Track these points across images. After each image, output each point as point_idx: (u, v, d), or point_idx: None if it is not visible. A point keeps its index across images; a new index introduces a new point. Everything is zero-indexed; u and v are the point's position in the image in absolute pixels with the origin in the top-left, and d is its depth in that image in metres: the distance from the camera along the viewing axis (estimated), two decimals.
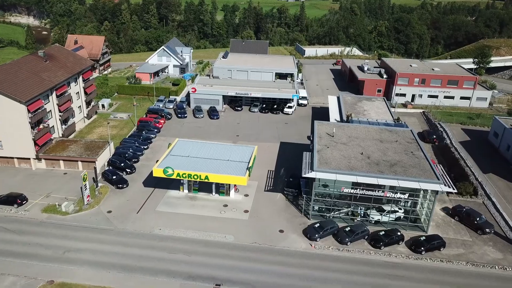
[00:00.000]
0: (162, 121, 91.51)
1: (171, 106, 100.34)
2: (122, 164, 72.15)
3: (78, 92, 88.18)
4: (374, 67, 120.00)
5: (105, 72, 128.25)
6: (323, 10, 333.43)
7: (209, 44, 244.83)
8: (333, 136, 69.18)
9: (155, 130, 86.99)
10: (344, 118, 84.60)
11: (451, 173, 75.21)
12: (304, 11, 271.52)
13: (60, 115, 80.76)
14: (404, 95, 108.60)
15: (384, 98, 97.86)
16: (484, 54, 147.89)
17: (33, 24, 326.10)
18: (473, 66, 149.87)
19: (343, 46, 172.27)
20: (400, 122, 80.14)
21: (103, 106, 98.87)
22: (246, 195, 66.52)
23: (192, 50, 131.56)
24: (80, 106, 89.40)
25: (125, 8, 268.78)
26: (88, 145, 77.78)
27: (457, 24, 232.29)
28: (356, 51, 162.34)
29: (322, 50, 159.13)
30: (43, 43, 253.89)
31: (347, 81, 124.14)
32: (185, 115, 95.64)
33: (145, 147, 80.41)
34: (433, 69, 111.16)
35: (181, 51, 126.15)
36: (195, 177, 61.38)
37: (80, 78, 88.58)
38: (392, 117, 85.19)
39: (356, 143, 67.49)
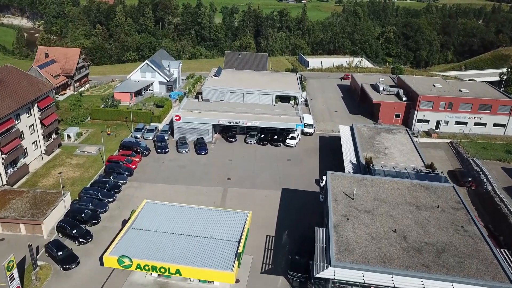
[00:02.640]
0: (137, 159, 72.25)
1: (151, 137, 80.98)
2: (75, 231, 52.97)
3: (32, 125, 68.95)
4: (390, 85, 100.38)
5: (82, 89, 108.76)
6: (325, 12, 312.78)
7: (206, 49, 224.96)
8: (353, 199, 50.02)
9: (127, 173, 67.73)
10: (362, 160, 65.26)
11: (499, 235, 56.40)
12: (306, 14, 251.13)
13: (3, 158, 61.57)
14: (427, 121, 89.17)
15: (407, 130, 78.46)
16: None
17: (26, 26, 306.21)
18: (495, 78, 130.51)
19: (350, 57, 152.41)
20: (436, 171, 60.69)
21: (69, 137, 79.55)
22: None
23: (181, 64, 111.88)
24: (35, 141, 70.17)
25: (119, 10, 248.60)
26: (37, 198, 58.68)
27: (470, 29, 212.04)
28: (366, 63, 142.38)
29: (327, 61, 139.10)
30: (35, 46, 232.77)
31: (358, 101, 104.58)
32: (167, 149, 76.31)
33: (111, 199, 61.19)
34: (460, 90, 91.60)
35: (169, 65, 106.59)
36: (162, 270, 42.17)
37: (36, 107, 69.28)
38: (423, 161, 65.82)
39: (384, 211, 48.29)
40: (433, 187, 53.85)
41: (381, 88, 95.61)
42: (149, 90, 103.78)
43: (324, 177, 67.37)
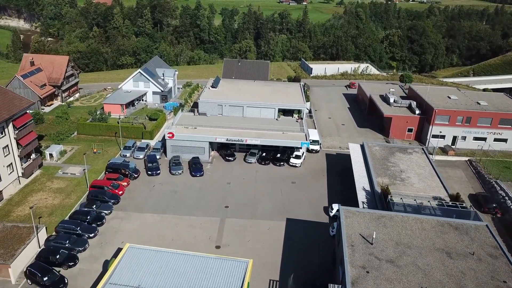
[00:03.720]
0: (124, 183, 63.90)
1: (141, 156, 72.62)
2: (46, 278, 44.64)
3: (7, 146, 60.59)
4: (401, 96, 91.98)
5: (71, 99, 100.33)
6: (326, 14, 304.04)
7: (205, 52, 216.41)
8: (372, 244, 41.72)
9: (112, 201, 59.39)
10: (377, 188, 56.93)
11: None
12: (307, 15, 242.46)
13: None
14: (443, 137, 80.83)
15: (423, 149, 70.02)
16: None
17: (23, 28, 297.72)
18: (507, 85, 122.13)
19: (356, 62, 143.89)
20: (463, 204, 52.27)
21: (51, 156, 71.17)
22: None
23: (177, 72, 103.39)
24: (11, 163, 61.81)
25: (117, 12, 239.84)
26: (7, 234, 50.53)
27: (476, 32, 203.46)
28: (372, 69, 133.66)
29: (331, 68, 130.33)
30: (30, 48, 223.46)
31: (366, 113, 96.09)
32: (158, 171, 67.88)
33: (91, 234, 52.87)
34: (478, 103, 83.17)
35: (163, 74, 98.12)
36: None
37: (10, 127, 60.90)
38: (446, 189, 57.47)
39: (410, 260, 39.95)
40: (463, 226, 45.53)
41: (391, 100, 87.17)
42: (142, 100, 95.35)
43: (334, 206, 59.41)
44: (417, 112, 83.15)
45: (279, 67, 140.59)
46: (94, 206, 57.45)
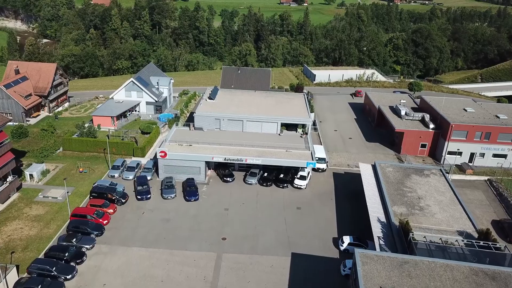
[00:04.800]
0: (110, 210, 56.56)
1: (131, 177, 65.21)
2: None
3: None
4: (412, 108, 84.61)
5: (60, 109, 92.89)
6: (327, 15, 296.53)
7: (204, 55, 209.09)
8: None
9: (95, 233, 52.06)
10: (394, 220, 49.62)
11: None
12: (308, 17, 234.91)
13: None
14: (459, 153, 73.50)
15: (441, 170, 62.66)
16: None
17: (20, 29, 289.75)
18: None
19: (360, 68, 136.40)
20: (496, 244, 44.78)
21: (31, 176, 63.78)
22: None
23: (172, 80, 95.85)
24: None
25: (115, 14, 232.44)
26: None
27: (481, 35, 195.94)
28: (378, 76, 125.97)
29: (336, 74, 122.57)
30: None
31: (374, 125, 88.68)
32: (148, 196, 60.47)
33: (69, 276, 45.48)
34: (497, 116, 75.80)
35: (158, 82, 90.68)
36: None
37: None
38: (472, 222, 50.12)
39: None
40: (501, 275, 38.20)
41: (403, 112, 79.75)
42: (135, 111, 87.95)
43: (345, 239, 52.17)
44: (431, 126, 75.78)
45: (281, 73, 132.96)
46: (74, 239, 50.14)
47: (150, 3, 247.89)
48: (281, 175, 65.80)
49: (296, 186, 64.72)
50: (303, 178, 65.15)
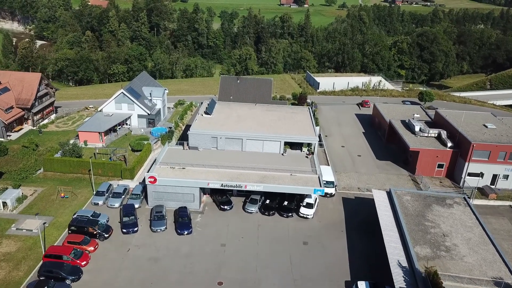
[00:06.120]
0: (91, 248, 48.73)
1: (117, 205, 57.38)
2: None
3: None
4: (426, 122, 76.73)
5: (45, 121, 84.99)
6: (328, 17, 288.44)
7: (203, 58, 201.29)
8: None
9: (71, 278, 44.21)
10: (418, 266, 41.85)
11: None
12: (309, 19, 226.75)
13: None
14: (480, 175, 65.71)
15: (466, 199, 54.93)
16: None
17: (17, 30, 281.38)
18: None
19: (366, 75, 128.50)
20: None
21: (4, 204, 55.91)
22: None
23: (167, 91, 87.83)
24: None
25: (113, 15, 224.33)
26: None
27: (486, 38, 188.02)
28: (385, 84, 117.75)
29: (340, 82, 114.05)
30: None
31: (385, 140, 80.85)
32: (135, 228, 52.63)
33: None
34: None
35: (151, 93, 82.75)
36: None
37: None
38: (509, 268, 42.37)
39: None
40: None
41: (417, 128, 71.86)
42: (126, 125, 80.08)
43: (360, 285, 44.37)
44: (449, 144, 67.88)
45: (282, 81, 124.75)
46: (47, 286, 42.29)
47: (148, 4, 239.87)
48: (285, 203, 58.02)
49: (302, 215, 56.91)
50: (309, 206, 57.37)
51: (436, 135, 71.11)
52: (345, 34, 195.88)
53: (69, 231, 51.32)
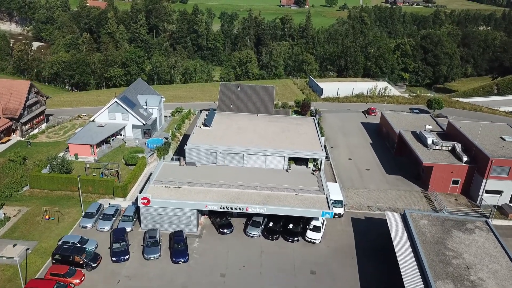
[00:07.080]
0: (76, 281, 43.56)
1: (107, 228, 52.23)
2: None
3: None
4: (437, 133, 71.62)
5: (35, 131, 79.74)
6: (329, 18, 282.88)
7: (202, 60, 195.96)
8: None
9: None
10: None
11: None
12: (309, 21, 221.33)
13: None
14: (499, 192, 60.55)
15: (488, 223, 49.82)
16: None
17: (15, 32, 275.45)
18: None
19: (371, 80, 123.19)
20: None
21: None
22: None
23: (163, 99, 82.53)
24: None
25: (111, 17, 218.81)
26: None
27: (490, 40, 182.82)
28: (392, 90, 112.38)
29: (345, 88, 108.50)
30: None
31: (394, 152, 75.68)
32: (126, 256, 47.45)
33: None
34: None
35: (146, 102, 77.53)
36: None
37: None
38: None
39: None
40: None
41: (429, 141, 66.70)
42: (120, 135, 74.84)
43: None
44: (465, 159, 62.72)
45: (284, 86, 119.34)
46: None
47: (147, 6, 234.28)
48: (290, 225, 52.89)
49: (308, 239, 51.78)
50: (317, 229, 52.23)
51: (450, 148, 65.95)
52: (347, 36, 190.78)
53: (53, 261, 46.09)
